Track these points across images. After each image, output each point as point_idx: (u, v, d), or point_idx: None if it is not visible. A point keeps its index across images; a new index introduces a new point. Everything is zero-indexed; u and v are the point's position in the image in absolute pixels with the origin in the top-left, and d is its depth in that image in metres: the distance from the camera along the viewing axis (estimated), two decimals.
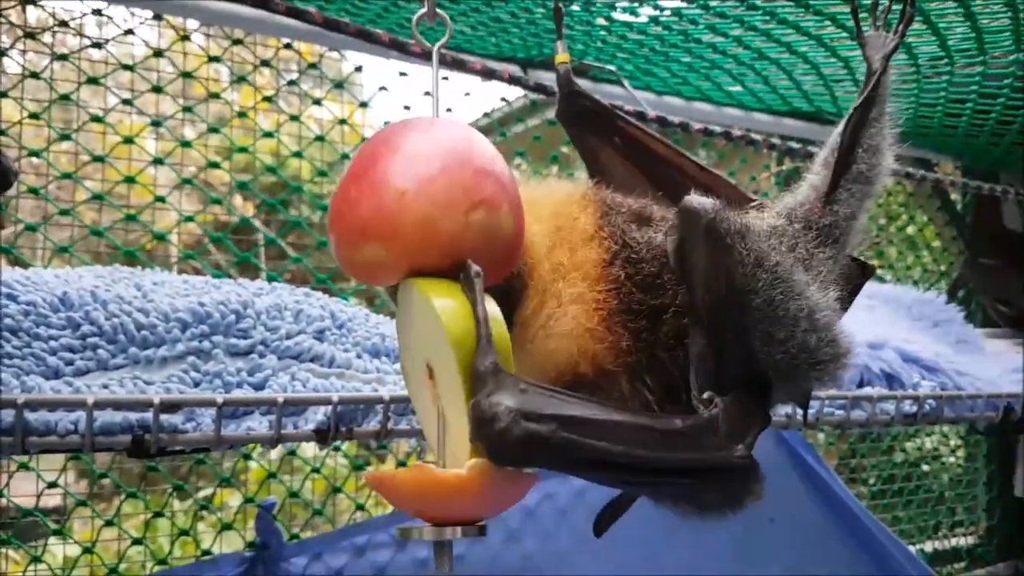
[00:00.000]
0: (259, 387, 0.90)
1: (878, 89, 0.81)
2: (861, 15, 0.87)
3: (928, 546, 2.40)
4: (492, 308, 0.63)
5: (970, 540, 2.52)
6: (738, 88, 1.67)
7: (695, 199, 0.67)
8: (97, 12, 1.34)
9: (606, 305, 0.70)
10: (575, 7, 1.20)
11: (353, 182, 0.65)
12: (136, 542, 1.36)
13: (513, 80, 1.34)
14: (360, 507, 1.60)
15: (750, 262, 0.66)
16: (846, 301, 0.85)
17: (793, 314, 0.67)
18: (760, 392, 0.70)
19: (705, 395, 0.66)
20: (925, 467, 2.56)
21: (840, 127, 0.81)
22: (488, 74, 1.31)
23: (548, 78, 1.47)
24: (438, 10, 0.76)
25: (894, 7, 0.87)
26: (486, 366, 0.59)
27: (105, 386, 0.82)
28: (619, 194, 0.79)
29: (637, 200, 0.79)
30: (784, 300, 0.66)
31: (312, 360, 0.96)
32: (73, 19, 1.35)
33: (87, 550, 1.31)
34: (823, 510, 1.74)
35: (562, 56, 0.90)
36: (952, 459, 2.66)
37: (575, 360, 0.70)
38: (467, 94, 1.66)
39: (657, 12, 1.22)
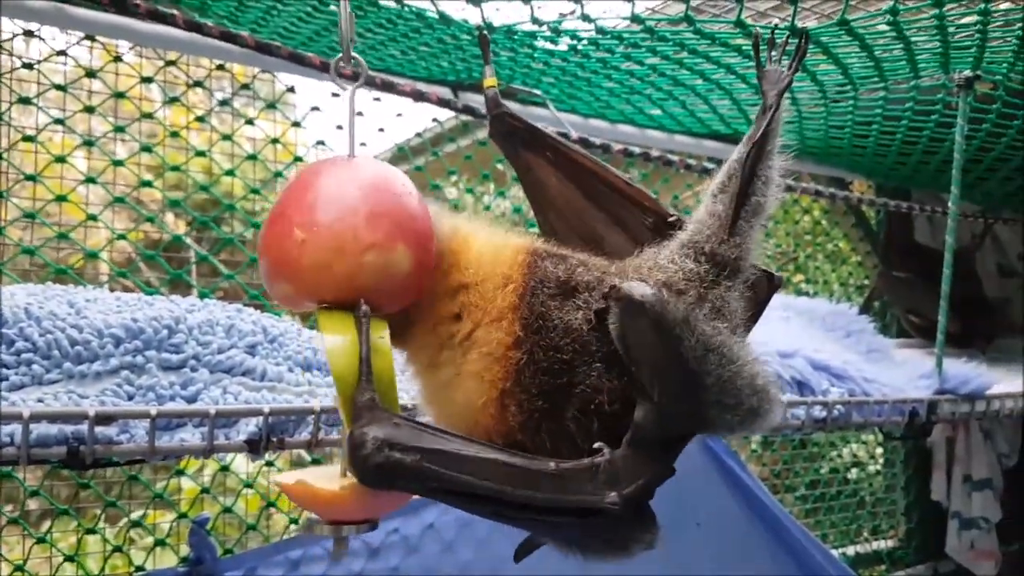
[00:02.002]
0: (191, 400, 0.93)
1: (772, 123, 0.87)
2: (761, 49, 0.93)
3: (851, 550, 2.49)
4: (382, 343, 0.70)
5: (890, 543, 2.62)
6: (659, 112, 1.73)
7: (635, 288, 0.71)
8: (29, 33, 1.36)
9: (500, 384, 0.74)
10: (498, 34, 1.24)
11: (269, 227, 0.72)
12: (68, 559, 1.36)
13: (442, 102, 1.38)
14: (294, 522, 1.61)
15: (700, 348, 0.71)
16: (755, 314, 0.91)
17: (739, 385, 0.73)
18: (671, 445, 0.75)
19: (595, 445, 0.71)
20: (850, 475, 2.65)
21: (736, 155, 0.86)
22: (418, 96, 1.35)
23: (477, 100, 1.52)
24: (354, 54, 0.81)
25: (791, 41, 0.93)
26: (363, 401, 0.67)
27: (40, 400, 0.84)
28: (551, 260, 0.81)
29: (566, 267, 0.80)
30: (732, 376, 0.73)
31: (244, 374, 0.99)
32: (4, 39, 1.36)
33: (18, 567, 1.31)
34: (747, 514, 1.80)
35: (490, 80, 0.94)
36: (873, 467, 2.77)
37: (471, 428, 0.75)
38: (399, 115, 1.70)
39: (575, 42, 1.27)
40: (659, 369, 0.71)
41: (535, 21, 1.15)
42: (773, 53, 0.93)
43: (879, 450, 2.78)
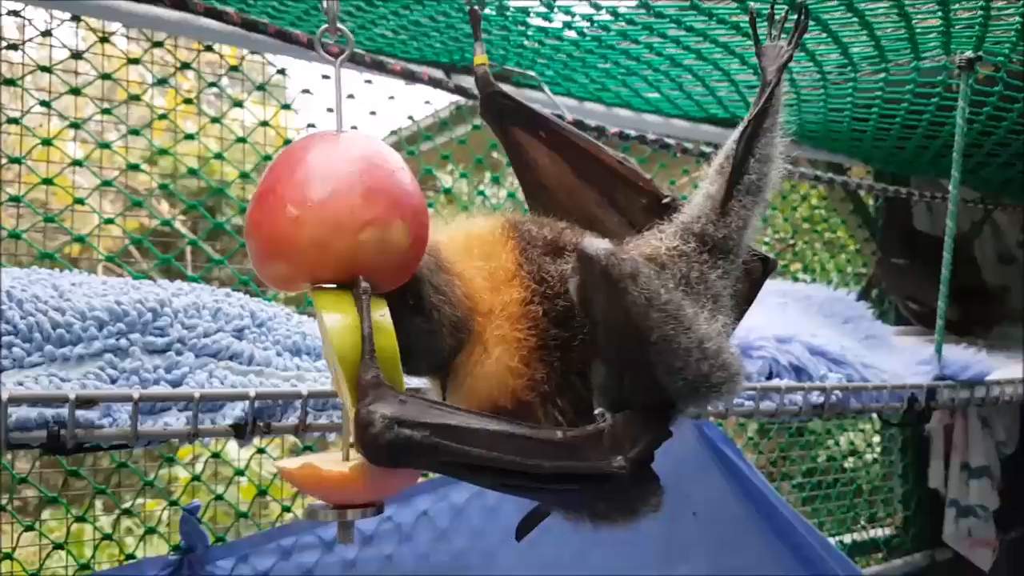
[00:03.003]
0: (176, 384, 0.91)
1: (771, 100, 0.85)
2: (759, 24, 0.90)
3: (847, 538, 2.48)
4: (383, 320, 0.68)
5: (887, 531, 2.61)
6: (656, 95, 1.71)
7: (591, 244, 0.72)
8: (14, 13, 1.33)
9: (526, 343, 0.74)
10: (490, 11, 1.22)
11: (258, 204, 0.69)
12: (58, 547, 1.34)
13: (434, 82, 1.36)
14: (287, 509, 1.60)
15: (642, 302, 0.71)
16: (749, 297, 0.90)
17: (686, 346, 0.73)
18: (661, 409, 0.75)
19: (596, 411, 0.72)
20: (847, 463, 2.64)
21: (735, 134, 0.84)
22: (408, 76, 1.33)
23: (470, 82, 1.49)
24: (340, 25, 0.79)
25: (789, 17, 0.91)
26: (367, 379, 0.65)
27: (20, 383, 0.82)
28: (533, 224, 0.82)
29: (551, 229, 0.82)
30: (676, 334, 0.72)
31: (231, 358, 0.97)
32: None
33: (7, 556, 1.30)
34: (744, 503, 1.78)
35: (480, 58, 0.92)
36: (870, 455, 2.76)
37: (495, 396, 0.74)
38: (391, 98, 1.68)
39: (569, 17, 1.25)
40: (607, 323, 0.72)
41: None
42: (772, 29, 0.91)
43: (876, 438, 2.77)
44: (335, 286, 0.68)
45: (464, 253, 0.78)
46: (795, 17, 0.91)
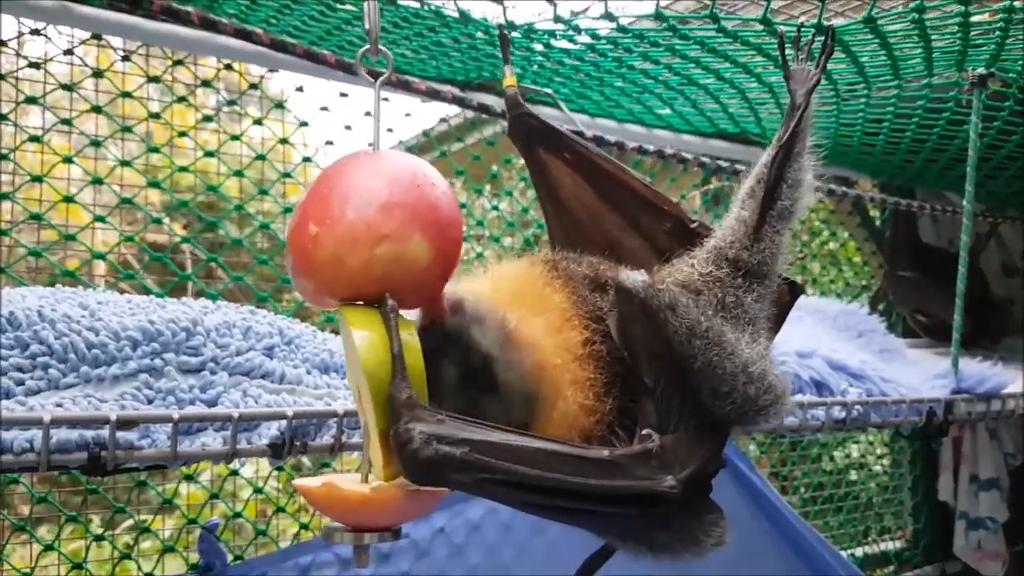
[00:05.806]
0: (211, 403, 0.91)
1: (801, 123, 0.86)
2: (786, 47, 0.91)
3: (858, 551, 2.48)
4: (411, 340, 0.67)
5: (898, 544, 2.61)
6: (668, 111, 1.72)
7: (627, 276, 0.73)
8: (36, 32, 1.33)
9: (597, 382, 0.74)
10: (516, 34, 1.22)
11: (291, 222, 0.70)
12: (76, 567, 1.34)
13: (457, 100, 1.36)
14: (305, 527, 1.59)
15: (684, 332, 0.72)
16: (778, 321, 0.90)
17: (731, 371, 0.73)
18: (714, 434, 0.75)
19: (644, 431, 0.71)
20: (853, 475, 2.64)
21: (765, 157, 0.85)
22: (433, 94, 1.33)
23: (488, 99, 1.51)
24: (380, 47, 0.79)
25: (816, 40, 0.92)
26: (402, 399, 0.64)
27: (59, 404, 0.82)
28: (571, 261, 0.82)
29: (588, 264, 0.82)
30: (720, 360, 0.73)
31: (263, 376, 0.97)
32: (10, 39, 1.34)
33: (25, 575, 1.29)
34: (756, 516, 1.78)
35: (510, 79, 0.93)
36: (878, 467, 2.76)
37: (568, 437, 0.73)
38: (408, 115, 1.69)
39: (594, 40, 1.25)
40: (650, 354, 0.73)
41: (558, 20, 1.13)
42: (799, 52, 0.92)
43: (884, 450, 2.77)
44: (362, 303, 0.69)
45: (517, 301, 0.77)
46: (822, 40, 0.92)
